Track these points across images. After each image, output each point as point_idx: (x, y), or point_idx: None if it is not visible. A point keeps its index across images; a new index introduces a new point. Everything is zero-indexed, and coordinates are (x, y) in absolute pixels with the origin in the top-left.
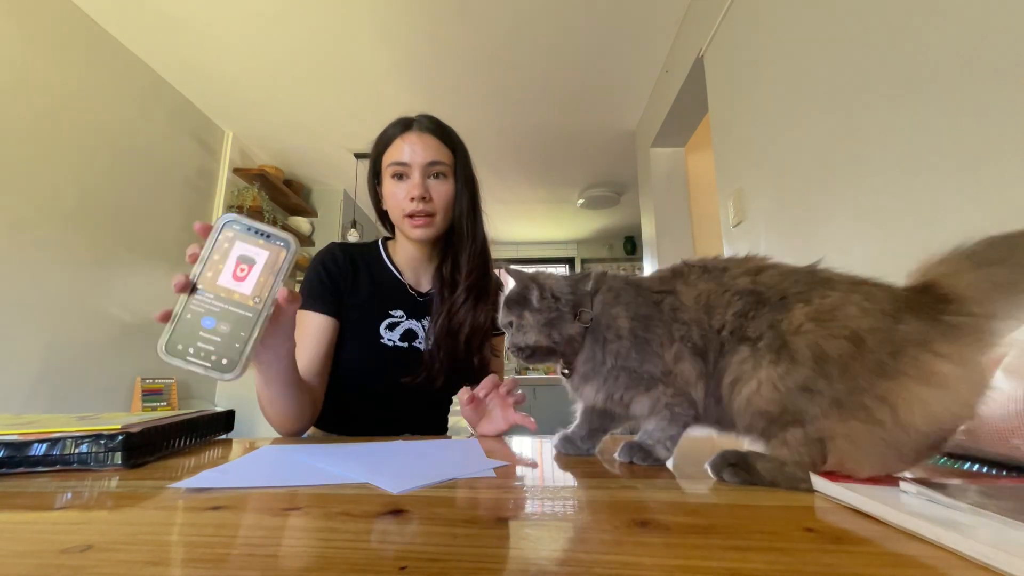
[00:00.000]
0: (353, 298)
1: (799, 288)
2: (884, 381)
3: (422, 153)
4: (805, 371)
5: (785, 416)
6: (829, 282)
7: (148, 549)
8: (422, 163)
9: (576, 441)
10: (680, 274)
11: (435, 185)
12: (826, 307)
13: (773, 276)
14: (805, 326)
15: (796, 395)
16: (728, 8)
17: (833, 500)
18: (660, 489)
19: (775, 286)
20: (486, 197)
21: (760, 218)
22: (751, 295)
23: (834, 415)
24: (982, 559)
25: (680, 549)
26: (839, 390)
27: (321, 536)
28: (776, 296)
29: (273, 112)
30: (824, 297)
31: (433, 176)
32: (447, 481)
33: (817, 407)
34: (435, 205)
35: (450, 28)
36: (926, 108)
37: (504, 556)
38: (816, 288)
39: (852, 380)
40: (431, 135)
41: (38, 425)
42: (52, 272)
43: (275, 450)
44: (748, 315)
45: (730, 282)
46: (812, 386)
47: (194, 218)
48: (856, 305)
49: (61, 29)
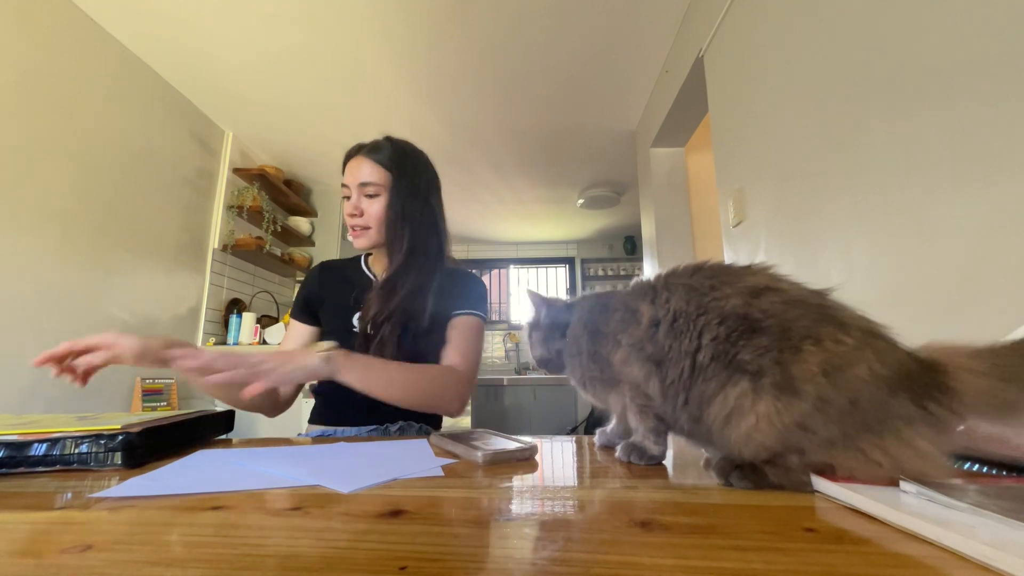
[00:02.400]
0: (328, 302)
1: (806, 322)
2: (870, 436)
3: (356, 175)
4: (805, 408)
5: (786, 451)
6: (841, 324)
7: (148, 549)
8: (355, 184)
9: (609, 435)
10: (650, 292)
11: (367, 203)
12: (839, 359)
13: (775, 304)
14: (818, 378)
15: (793, 430)
16: (728, 8)
17: (833, 500)
18: (660, 489)
19: (777, 315)
20: (487, 197)
21: (760, 218)
22: (741, 320)
23: (830, 452)
24: (982, 559)
25: (680, 549)
26: (833, 432)
27: (321, 536)
28: (777, 327)
29: (273, 112)
30: (837, 342)
31: (366, 196)
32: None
33: (813, 444)
34: (367, 219)
35: (450, 28)
36: (926, 108)
37: (504, 556)
38: (826, 325)
39: (844, 427)
40: (367, 158)
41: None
42: (52, 272)
43: (211, 455)
44: (736, 342)
45: (715, 304)
46: (809, 424)
47: (194, 218)
48: (867, 366)
49: (61, 29)
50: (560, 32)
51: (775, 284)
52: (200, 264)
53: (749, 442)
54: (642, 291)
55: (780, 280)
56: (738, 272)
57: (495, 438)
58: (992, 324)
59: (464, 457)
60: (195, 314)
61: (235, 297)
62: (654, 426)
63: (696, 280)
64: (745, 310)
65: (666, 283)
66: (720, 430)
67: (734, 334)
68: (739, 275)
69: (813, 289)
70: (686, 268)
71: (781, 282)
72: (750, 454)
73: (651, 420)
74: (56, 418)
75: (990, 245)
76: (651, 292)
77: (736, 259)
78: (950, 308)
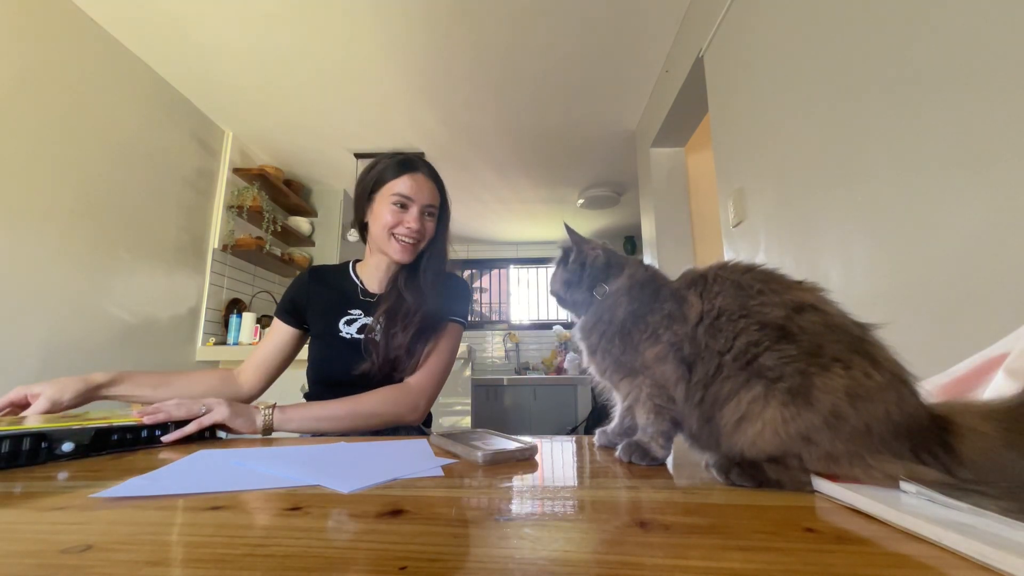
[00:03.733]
0: (315, 306)
1: (840, 348)
2: (878, 456)
3: (425, 195)
4: (815, 421)
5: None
6: (875, 361)
7: (148, 549)
8: (422, 203)
9: (609, 435)
10: (701, 283)
11: (427, 223)
12: (866, 391)
13: (815, 324)
14: (839, 396)
15: (796, 440)
16: (728, 8)
17: (833, 500)
18: (660, 489)
19: (814, 334)
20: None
21: (760, 218)
22: (778, 331)
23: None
24: (982, 559)
25: (680, 549)
26: (837, 448)
27: (321, 536)
28: (809, 343)
29: (273, 112)
30: (868, 376)
31: (427, 215)
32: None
33: (813, 456)
34: (421, 236)
35: (450, 28)
36: (927, 107)
37: (504, 556)
38: (858, 357)
39: (848, 446)
40: (433, 182)
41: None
42: (52, 272)
43: (211, 455)
44: (762, 345)
45: (758, 308)
46: (814, 438)
47: (194, 218)
48: (886, 407)
49: (61, 29)
50: (560, 32)
51: (821, 305)
52: (200, 264)
53: (752, 448)
54: (693, 281)
55: (827, 303)
56: (788, 284)
57: (495, 438)
58: (991, 324)
59: (464, 457)
60: (195, 314)
61: (235, 297)
62: (666, 429)
63: (746, 279)
64: (784, 322)
65: (716, 276)
66: (730, 434)
67: (765, 341)
68: (789, 287)
69: (858, 321)
70: (737, 265)
71: (828, 305)
72: (753, 456)
73: (665, 423)
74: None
75: (990, 244)
76: (701, 283)
77: (736, 259)
78: (950, 307)
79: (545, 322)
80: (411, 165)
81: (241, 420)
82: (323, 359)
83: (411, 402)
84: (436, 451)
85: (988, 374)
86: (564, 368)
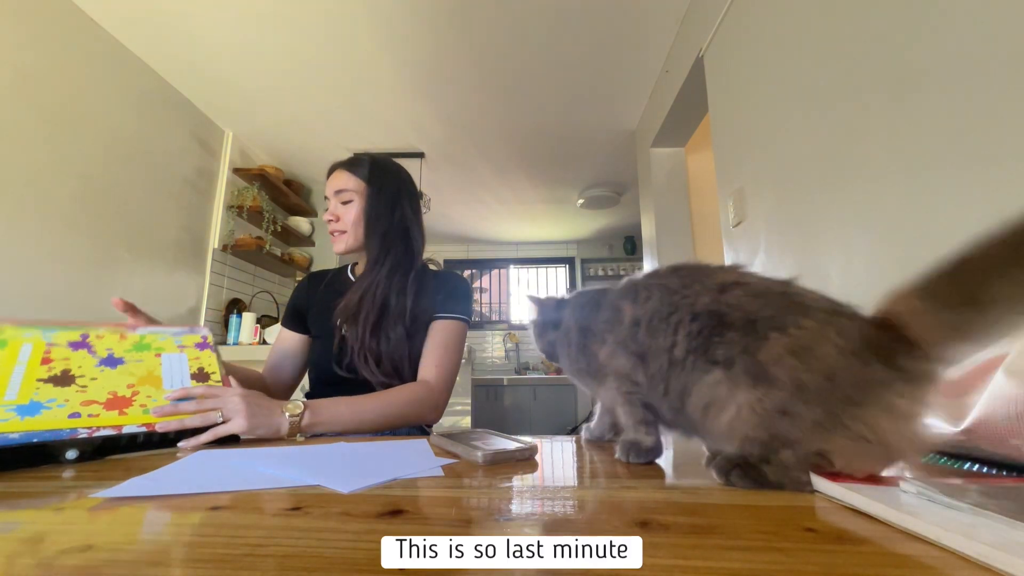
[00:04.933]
0: (314, 309)
1: (770, 312)
2: (854, 408)
3: (333, 184)
4: (783, 395)
5: (775, 442)
6: (804, 308)
7: (148, 549)
8: (332, 192)
9: (595, 431)
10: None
11: (342, 209)
12: (804, 342)
13: (739, 296)
14: (785, 359)
15: (776, 418)
16: (728, 8)
17: (833, 500)
18: (660, 489)
19: (741, 307)
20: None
21: (760, 218)
22: (711, 316)
23: (818, 435)
24: (982, 559)
25: (680, 549)
26: (817, 413)
27: (321, 536)
28: (742, 319)
29: (273, 112)
30: (799, 327)
31: (342, 203)
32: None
33: (799, 429)
34: (343, 224)
35: (451, 28)
36: (927, 107)
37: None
38: (789, 314)
39: (827, 406)
40: (343, 169)
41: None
42: (52, 272)
43: (211, 455)
44: (709, 337)
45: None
46: (790, 409)
47: (194, 218)
48: (832, 343)
49: (61, 29)
50: (560, 32)
51: (742, 279)
52: (200, 264)
53: (733, 433)
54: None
55: (747, 275)
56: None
57: (495, 438)
58: None
59: (464, 457)
60: (195, 314)
61: (235, 297)
62: (643, 416)
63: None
64: (714, 306)
65: (646, 283)
66: (701, 420)
67: (706, 329)
68: (711, 273)
69: (779, 280)
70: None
71: (748, 276)
72: (737, 445)
73: (639, 410)
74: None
75: None
76: (633, 291)
77: (736, 259)
78: None
79: None
80: (333, 166)
81: (262, 430)
82: (323, 362)
83: (434, 401)
84: (436, 451)
85: (988, 374)
86: None
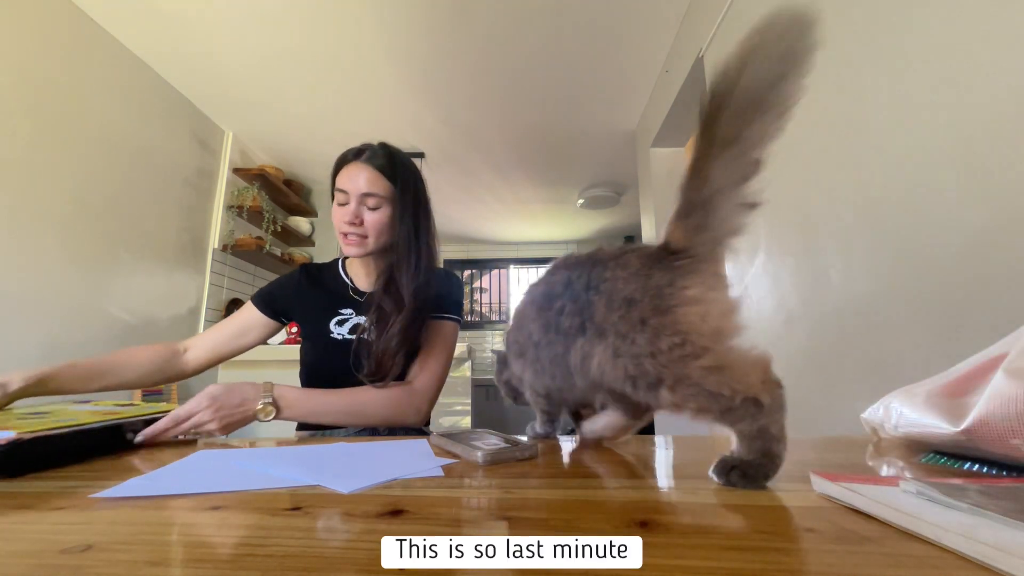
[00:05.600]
0: (305, 307)
1: (582, 277)
2: (662, 317)
3: (360, 184)
4: (618, 343)
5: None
6: (602, 262)
7: (148, 549)
8: (358, 193)
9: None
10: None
11: (368, 214)
12: (606, 287)
13: (562, 275)
14: (604, 312)
15: (627, 361)
16: (728, 8)
17: (833, 500)
18: (660, 489)
19: (561, 282)
20: (487, 197)
21: (760, 218)
22: (545, 299)
23: (666, 361)
24: (982, 559)
25: (680, 549)
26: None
27: (321, 536)
28: (563, 292)
29: (273, 112)
30: (602, 280)
31: (368, 207)
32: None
33: (648, 365)
34: (366, 230)
35: (450, 28)
36: (927, 107)
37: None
38: (593, 271)
39: (647, 332)
40: (372, 167)
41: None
42: (51, 272)
43: (211, 455)
44: (550, 321)
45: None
46: (626, 351)
47: (194, 218)
48: (620, 278)
49: (61, 29)
50: (560, 32)
51: (563, 262)
52: (200, 264)
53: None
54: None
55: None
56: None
57: (495, 438)
58: (993, 322)
59: (464, 457)
60: (195, 314)
61: (235, 297)
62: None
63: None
64: (545, 287)
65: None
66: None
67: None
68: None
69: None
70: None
71: (569, 257)
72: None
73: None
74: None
75: (990, 244)
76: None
77: (736, 259)
78: (950, 307)
79: None
80: (346, 158)
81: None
82: (315, 362)
83: (415, 405)
84: (436, 451)
85: (988, 374)
86: None
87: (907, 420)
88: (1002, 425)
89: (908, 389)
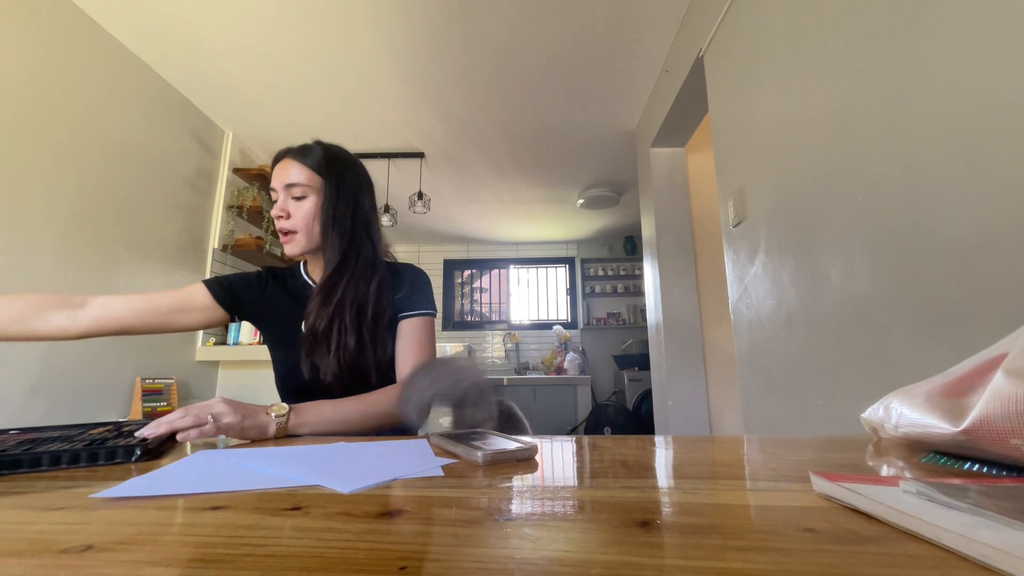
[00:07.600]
0: (269, 313)
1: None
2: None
3: (283, 177)
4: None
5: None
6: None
7: (148, 549)
8: (281, 185)
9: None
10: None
11: (293, 204)
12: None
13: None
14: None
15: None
16: (728, 8)
17: (833, 500)
18: (660, 489)
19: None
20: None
21: (760, 218)
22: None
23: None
24: (982, 559)
25: (680, 549)
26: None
27: (321, 536)
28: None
29: (273, 112)
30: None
31: (293, 198)
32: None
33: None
34: (294, 222)
35: (450, 28)
36: (927, 107)
37: (504, 556)
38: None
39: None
40: (295, 160)
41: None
42: (52, 272)
43: (211, 455)
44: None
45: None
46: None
47: (194, 218)
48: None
49: (61, 29)
50: (560, 32)
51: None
52: (200, 264)
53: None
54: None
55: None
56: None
57: (495, 438)
58: (991, 323)
59: (464, 457)
60: None
61: None
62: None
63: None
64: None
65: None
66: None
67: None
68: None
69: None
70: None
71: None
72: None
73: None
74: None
75: (990, 245)
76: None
77: (736, 259)
78: (949, 307)
79: (545, 322)
80: (280, 154)
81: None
82: (289, 370)
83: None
84: (436, 451)
85: (988, 374)
86: (564, 368)
87: (907, 420)
88: (1002, 425)
89: (908, 389)
